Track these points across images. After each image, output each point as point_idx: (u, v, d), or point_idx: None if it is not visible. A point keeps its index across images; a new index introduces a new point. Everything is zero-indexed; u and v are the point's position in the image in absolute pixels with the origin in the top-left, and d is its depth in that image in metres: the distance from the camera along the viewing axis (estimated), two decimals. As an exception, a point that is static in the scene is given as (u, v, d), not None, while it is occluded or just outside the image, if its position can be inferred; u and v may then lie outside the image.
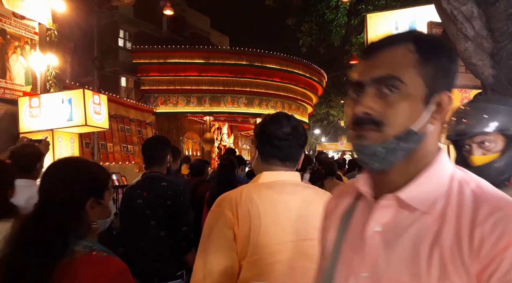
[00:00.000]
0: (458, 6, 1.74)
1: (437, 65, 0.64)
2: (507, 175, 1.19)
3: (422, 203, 0.62)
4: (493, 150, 1.19)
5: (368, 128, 0.63)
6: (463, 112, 1.25)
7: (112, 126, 9.86)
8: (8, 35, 4.80)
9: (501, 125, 1.17)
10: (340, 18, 9.17)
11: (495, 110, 1.19)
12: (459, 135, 1.23)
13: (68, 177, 1.05)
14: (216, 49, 15.12)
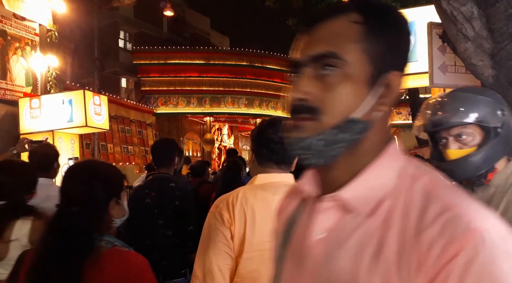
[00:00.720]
0: (458, 6, 1.74)
1: (386, 39, 0.54)
2: (484, 170, 1.11)
3: (366, 203, 0.52)
4: (470, 144, 1.10)
5: (303, 117, 0.53)
6: (440, 102, 1.14)
7: (112, 127, 9.87)
8: (8, 36, 4.81)
9: (480, 117, 1.08)
10: (340, 18, 9.16)
11: (474, 100, 1.10)
12: (435, 127, 1.13)
13: (92, 180, 1.12)
14: (216, 50, 15.13)
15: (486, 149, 1.08)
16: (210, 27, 21.40)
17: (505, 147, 1.12)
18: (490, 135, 1.08)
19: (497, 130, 1.08)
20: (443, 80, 2.34)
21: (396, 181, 0.52)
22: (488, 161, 1.09)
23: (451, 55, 2.25)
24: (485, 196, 1.12)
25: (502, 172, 1.12)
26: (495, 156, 1.10)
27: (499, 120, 1.08)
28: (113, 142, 10.27)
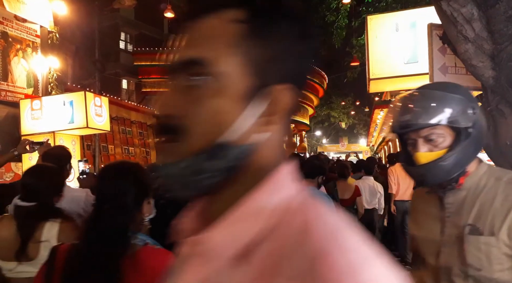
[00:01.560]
0: (458, 8, 1.74)
1: (275, 43, 0.43)
2: (456, 174, 1.02)
3: (234, 248, 0.41)
4: (441, 145, 1.01)
5: (167, 139, 0.43)
6: (408, 102, 1.05)
7: (113, 129, 9.88)
8: (10, 38, 4.82)
9: (450, 117, 0.98)
10: (341, 20, 9.18)
11: (444, 99, 1.00)
12: (404, 128, 1.04)
13: (128, 181, 1.18)
14: (217, 51, 15.09)
15: (457, 151, 1.00)
16: (210, 29, 21.40)
17: (476, 148, 1.05)
18: (461, 136, 1.00)
19: (468, 130, 1.00)
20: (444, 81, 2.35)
21: (275, 219, 0.41)
22: (460, 164, 1.02)
23: (452, 57, 2.25)
24: (456, 200, 1.06)
25: (474, 174, 1.06)
26: (467, 159, 1.03)
27: (470, 119, 1.00)
28: (114, 143, 10.28)
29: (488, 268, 0.97)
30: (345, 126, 27.98)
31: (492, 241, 0.96)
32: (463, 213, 1.03)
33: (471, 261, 0.99)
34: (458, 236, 1.02)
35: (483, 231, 0.98)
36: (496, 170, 1.09)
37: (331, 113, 25.27)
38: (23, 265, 1.60)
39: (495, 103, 1.79)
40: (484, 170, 1.06)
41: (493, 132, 1.82)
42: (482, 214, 1.00)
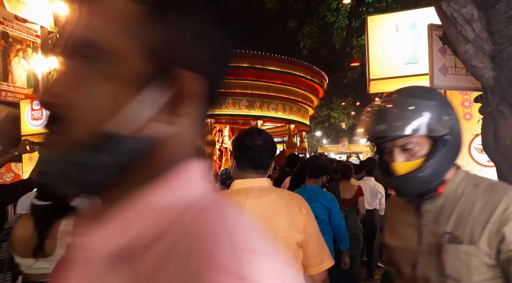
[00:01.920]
0: (458, 8, 1.74)
1: (179, 26, 0.38)
2: (435, 184, 0.99)
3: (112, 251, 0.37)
4: (418, 155, 0.98)
5: (53, 130, 0.39)
6: (382, 111, 1.00)
7: (113, 129, 9.87)
8: (10, 38, 4.83)
9: (427, 125, 0.94)
10: (341, 20, 9.19)
11: (419, 107, 0.96)
12: (379, 138, 1.00)
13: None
14: (217, 51, 15.11)
15: (435, 160, 0.96)
16: (211, 29, 21.42)
17: (454, 155, 1.02)
18: (439, 144, 0.97)
19: (445, 138, 0.97)
20: (444, 82, 2.34)
21: (168, 219, 0.37)
22: (439, 173, 0.99)
23: (452, 57, 2.25)
24: (434, 208, 1.02)
25: (452, 181, 1.02)
26: (445, 167, 1.00)
27: (447, 126, 0.96)
28: (114, 143, 10.29)
29: (467, 278, 0.93)
30: (345, 126, 27.98)
31: (471, 250, 0.93)
32: (441, 221, 1.00)
33: (450, 272, 0.95)
34: (436, 245, 0.98)
35: (463, 240, 0.94)
36: (473, 176, 1.05)
37: (331, 114, 25.27)
38: (40, 262, 1.68)
39: (495, 104, 1.79)
40: (462, 177, 1.03)
41: (493, 133, 1.82)
42: (461, 222, 0.96)
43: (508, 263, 0.91)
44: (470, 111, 2.92)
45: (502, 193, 0.94)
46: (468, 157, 2.91)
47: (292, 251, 1.45)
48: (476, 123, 2.74)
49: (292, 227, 1.45)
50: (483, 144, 1.95)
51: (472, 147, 2.90)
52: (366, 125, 1.03)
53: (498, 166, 1.88)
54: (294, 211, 1.48)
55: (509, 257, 0.91)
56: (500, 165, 1.86)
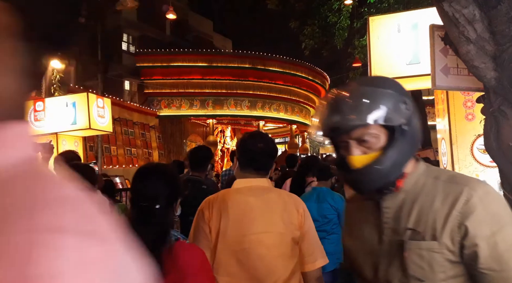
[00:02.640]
0: (460, 9, 1.74)
1: None
2: (394, 177, 0.94)
3: None
4: (375, 147, 0.91)
5: None
6: (336, 100, 0.93)
7: (115, 130, 9.90)
8: (13, 39, 4.86)
9: (382, 115, 0.88)
10: (343, 21, 9.18)
11: (374, 95, 0.90)
12: (334, 131, 0.93)
13: (169, 182, 1.31)
14: (219, 52, 15.17)
15: (393, 153, 0.91)
16: (213, 30, 21.47)
17: (413, 147, 0.96)
18: (396, 135, 0.91)
19: (402, 128, 0.91)
20: (446, 82, 2.34)
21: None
22: (397, 166, 0.93)
23: (453, 58, 2.25)
24: (394, 204, 0.96)
25: (412, 175, 0.97)
26: (404, 159, 0.94)
27: (404, 115, 0.91)
28: (116, 144, 10.30)
29: (431, 278, 0.88)
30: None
31: (434, 246, 0.88)
32: (402, 217, 0.94)
33: (413, 272, 0.90)
34: (398, 243, 0.93)
35: (425, 236, 0.89)
36: (434, 169, 1.00)
37: (333, 114, 25.19)
38: None
39: (498, 104, 1.79)
40: (422, 170, 0.98)
41: (495, 134, 1.82)
42: (422, 216, 0.91)
43: (473, 259, 0.86)
44: (472, 111, 2.91)
45: (463, 185, 0.89)
46: (471, 158, 2.91)
47: (288, 247, 1.51)
48: (478, 123, 2.74)
49: (289, 224, 1.52)
50: (485, 144, 1.95)
51: (475, 147, 2.90)
52: (320, 118, 0.96)
53: (500, 166, 1.88)
54: (291, 209, 1.55)
55: (473, 252, 0.85)
56: (502, 165, 1.86)
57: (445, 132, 3.10)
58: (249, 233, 1.48)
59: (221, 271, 1.46)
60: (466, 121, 2.92)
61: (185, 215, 2.58)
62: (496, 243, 0.84)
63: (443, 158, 3.26)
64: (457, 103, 2.94)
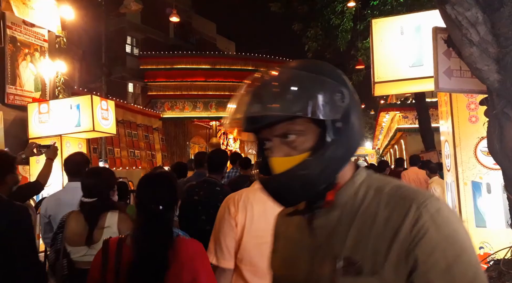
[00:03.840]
0: (463, 11, 1.74)
1: None
2: (321, 186, 0.72)
3: None
4: (302, 147, 0.71)
5: None
6: (257, 84, 0.74)
7: (119, 132, 9.94)
8: (18, 42, 4.89)
9: (310, 107, 0.67)
10: (346, 23, 9.19)
11: (303, 81, 0.70)
12: (252, 123, 0.72)
13: (172, 187, 1.53)
14: (222, 55, 15.21)
15: (321, 155, 0.70)
16: (216, 33, 21.54)
17: (349, 150, 0.75)
18: (328, 133, 0.71)
19: (336, 125, 0.71)
20: (449, 84, 2.34)
21: None
22: (326, 173, 0.72)
23: (457, 60, 2.25)
24: (329, 221, 0.75)
25: (349, 185, 0.76)
26: (336, 165, 0.73)
27: (339, 110, 0.71)
28: (120, 146, 10.34)
29: None
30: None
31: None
32: (336, 241, 0.73)
33: None
34: (330, 275, 0.71)
35: (363, 268, 0.68)
36: (376, 178, 0.78)
37: (337, 117, 25.18)
38: (91, 249, 2.00)
39: (501, 107, 1.79)
40: (362, 179, 0.77)
41: (499, 136, 1.81)
42: (361, 241, 0.70)
43: None
44: (475, 114, 2.91)
45: (411, 199, 0.69)
46: (474, 160, 2.90)
47: None
48: (481, 126, 2.73)
49: None
50: (489, 146, 1.94)
51: (478, 149, 2.89)
52: (236, 107, 0.76)
53: (504, 168, 1.87)
54: None
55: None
56: (505, 167, 1.85)
57: (448, 134, 3.09)
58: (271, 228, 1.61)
59: (244, 261, 1.60)
60: (470, 123, 2.91)
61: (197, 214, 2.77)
62: (453, 279, 0.64)
63: (447, 160, 3.25)
64: (460, 105, 2.93)
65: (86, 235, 2.01)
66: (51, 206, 2.65)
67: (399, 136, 14.81)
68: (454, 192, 3.02)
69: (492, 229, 2.81)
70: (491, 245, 2.79)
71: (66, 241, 2.08)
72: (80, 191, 2.21)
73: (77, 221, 2.07)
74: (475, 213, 2.87)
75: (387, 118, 15.83)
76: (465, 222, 2.88)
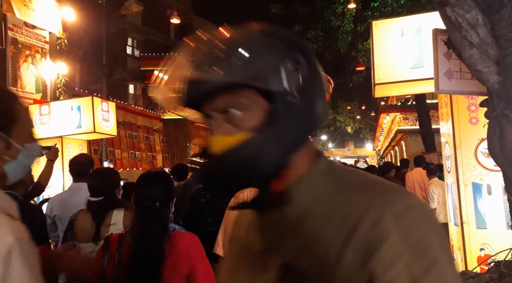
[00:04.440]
0: (463, 13, 1.75)
1: None
2: (265, 174, 0.57)
3: None
4: (246, 125, 0.57)
5: None
6: (196, 47, 0.59)
7: (120, 133, 9.95)
8: (19, 44, 4.90)
9: (255, 72, 0.54)
10: (346, 24, 9.20)
11: (247, 41, 0.56)
12: (194, 93, 0.57)
13: (169, 186, 1.62)
14: (223, 56, 15.19)
15: (267, 134, 0.56)
16: (216, 34, 21.56)
17: (303, 131, 0.60)
18: (278, 109, 0.56)
19: (287, 98, 0.56)
20: (449, 86, 2.34)
21: None
22: (272, 157, 0.56)
23: (457, 62, 2.25)
24: (276, 221, 0.61)
25: (303, 176, 0.60)
26: (284, 148, 0.57)
27: (292, 80, 0.56)
28: (120, 147, 10.35)
29: None
30: (351, 130, 27.90)
31: None
32: (283, 245, 0.59)
33: None
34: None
35: (309, 279, 0.54)
36: (339, 168, 0.63)
37: (337, 118, 25.24)
38: (98, 246, 2.05)
39: (501, 108, 1.79)
40: (321, 170, 0.61)
41: (499, 138, 1.82)
42: (311, 245, 0.55)
43: None
44: (476, 115, 2.91)
45: (374, 194, 0.54)
46: (475, 161, 2.90)
47: None
48: (482, 127, 2.73)
49: None
50: (489, 148, 1.94)
51: (479, 151, 2.89)
52: (171, 71, 0.62)
53: (504, 170, 1.87)
54: None
55: None
56: (506, 169, 1.85)
57: (449, 136, 3.09)
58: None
59: None
60: (470, 125, 2.92)
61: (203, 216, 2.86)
62: None
63: (447, 161, 3.25)
64: (461, 107, 2.94)
65: (94, 232, 2.12)
66: (57, 206, 2.72)
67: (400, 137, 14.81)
68: (454, 193, 3.02)
69: (492, 230, 2.81)
70: (491, 247, 2.78)
71: (75, 238, 2.18)
72: (84, 192, 2.27)
73: (85, 219, 2.17)
74: (475, 215, 2.87)
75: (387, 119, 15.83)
76: (465, 223, 2.88)
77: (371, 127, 25.88)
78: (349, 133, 29.01)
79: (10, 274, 0.67)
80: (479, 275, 2.19)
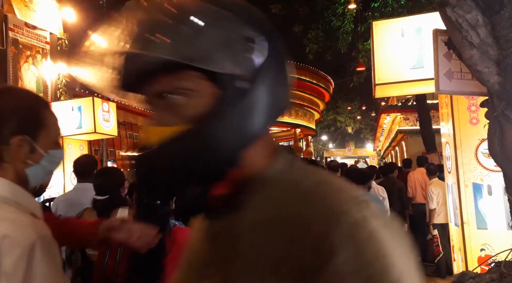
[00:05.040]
0: (463, 14, 1.75)
1: None
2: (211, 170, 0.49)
3: None
4: (189, 114, 0.48)
5: None
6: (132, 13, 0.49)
7: (120, 133, 9.96)
8: (20, 44, 4.91)
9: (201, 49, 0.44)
10: (347, 25, 9.20)
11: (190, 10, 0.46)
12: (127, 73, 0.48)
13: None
14: (223, 56, 15.19)
15: (209, 125, 0.47)
16: (217, 34, 21.58)
17: (257, 123, 0.49)
18: (224, 95, 0.47)
19: (235, 84, 0.47)
20: (449, 86, 2.34)
21: None
22: (215, 153, 0.48)
23: (457, 62, 2.25)
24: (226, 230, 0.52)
25: (258, 176, 0.51)
26: (231, 143, 0.48)
27: (243, 62, 0.47)
28: (121, 147, 10.36)
29: None
30: (351, 131, 27.91)
31: None
32: (228, 258, 0.51)
33: None
34: None
35: None
36: (299, 168, 0.53)
37: (338, 118, 25.23)
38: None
39: (501, 109, 1.79)
40: (277, 169, 0.52)
41: (499, 138, 1.82)
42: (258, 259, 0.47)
43: None
44: (476, 116, 2.91)
45: (328, 200, 0.45)
46: (475, 162, 2.90)
47: None
48: (482, 128, 2.73)
49: None
50: (489, 148, 1.95)
51: (479, 151, 2.89)
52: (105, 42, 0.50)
53: (505, 170, 1.88)
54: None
55: None
56: (506, 169, 1.86)
57: (449, 136, 3.09)
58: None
59: None
60: (471, 125, 2.92)
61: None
62: None
63: (448, 162, 3.26)
64: (461, 107, 2.94)
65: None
66: (61, 206, 2.77)
67: (400, 138, 14.81)
68: (455, 194, 3.02)
69: (493, 231, 2.82)
70: (492, 247, 2.79)
71: None
72: (88, 192, 2.32)
73: (90, 217, 2.23)
74: (476, 215, 2.87)
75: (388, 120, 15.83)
76: (466, 224, 2.89)
77: (372, 128, 25.88)
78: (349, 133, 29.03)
79: (33, 270, 0.72)
80: (479, 276, 2.19)
